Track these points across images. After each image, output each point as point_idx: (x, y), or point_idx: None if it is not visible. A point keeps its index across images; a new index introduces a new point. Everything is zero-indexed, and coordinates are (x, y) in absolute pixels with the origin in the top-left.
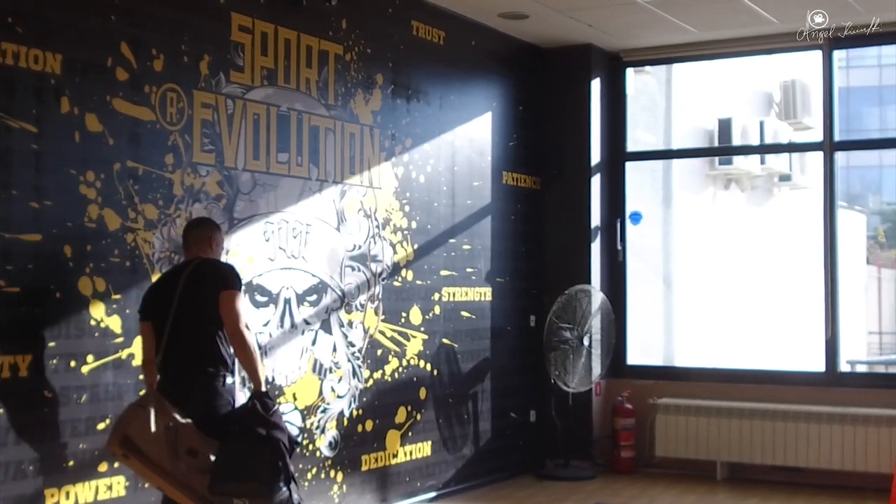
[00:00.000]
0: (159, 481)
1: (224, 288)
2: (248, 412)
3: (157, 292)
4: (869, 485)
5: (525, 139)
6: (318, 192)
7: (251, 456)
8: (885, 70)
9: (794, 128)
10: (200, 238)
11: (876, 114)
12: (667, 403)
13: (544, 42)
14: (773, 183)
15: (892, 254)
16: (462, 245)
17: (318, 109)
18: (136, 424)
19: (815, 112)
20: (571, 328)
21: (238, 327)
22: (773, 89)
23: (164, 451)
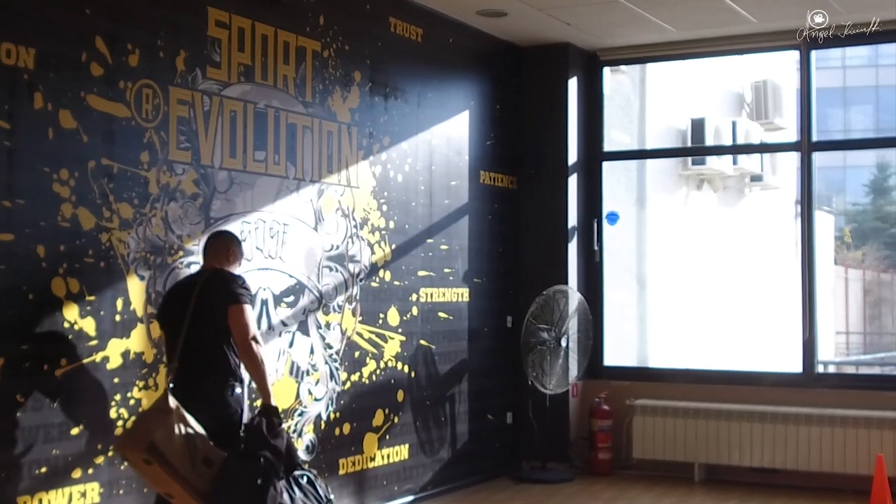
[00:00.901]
0: (177, 489)
1: (234, 302)
2: (251, 431)
3: (171, 300)
4: (847, 486)
5: (502, 138)
6: (295, 191)
7: (245, 477)
8: (850, 72)
9: (765, 128)
10: (220, 248)
11: (840, 115)
12: (644, 405)
13: (522, 41)
14: (745, 183)
15: (858, 254)
16: (440, 245)
17: (295, 107)
18: (161, 430)
19: (787, 113)
20: (549, 329)
21: (247, 340)
22: (744, 90)
23: (185, 459)
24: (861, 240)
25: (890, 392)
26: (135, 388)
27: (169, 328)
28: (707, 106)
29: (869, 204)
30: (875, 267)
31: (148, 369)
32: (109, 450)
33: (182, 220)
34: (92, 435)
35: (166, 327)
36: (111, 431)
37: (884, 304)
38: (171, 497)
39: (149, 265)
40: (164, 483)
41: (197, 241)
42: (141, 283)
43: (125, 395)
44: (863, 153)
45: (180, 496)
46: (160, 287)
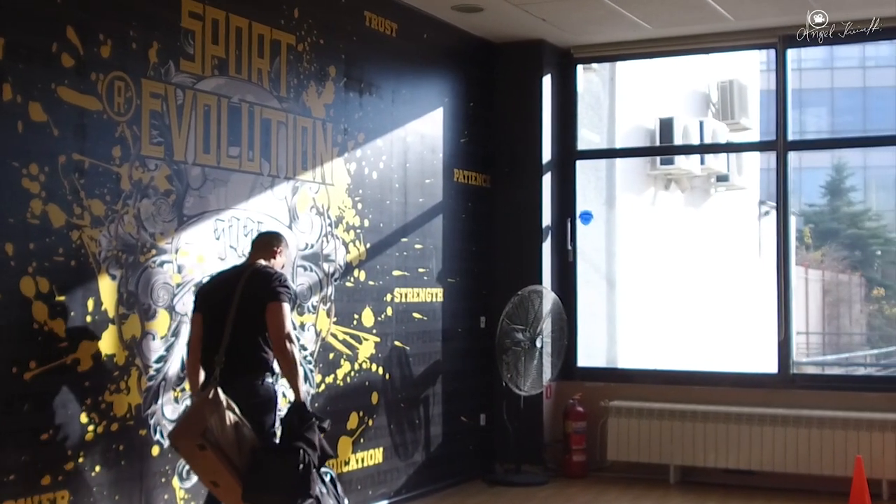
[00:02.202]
0: (226, 476)
1: (273, 299)
2: (284, 424)
3: (213, 290)
4: (823, 488)
5: (476, 136)
6: (269, 188)
7: (279, 469)
8: (805, 74)
9: (730, 128)
10: (266, 243)
11: (795, 117)
12: (619, 406)
13: (496, 37)
14: (711, 183)
15: (817, 255)
16: (414, 244)
17: (269, 102)
18: (214, 417)
19: (752, 113)
20: (524, 329)
21: (282, 338)
22: (710, 90)
23: (234, 446)
24: (820, 240)
25: (867, 393)
26: (106, 391)
27: (211, 319)
28: (674, 106)
29: (826, 205)
30: (834, 267)
31: (120, 372)
32: (80, 456)
33: (155, 218)
34: (62, 440)
35: (204, 315)
36: (82, 437)
37: (842, 305)
38: (216, 486)
39: (121, 264)
40: (213, 470)
41: (170, 239)
42: (113, 283)
43: (97, 398)
44: (819, 155)
45: (227, 483)
46: (132, 286)
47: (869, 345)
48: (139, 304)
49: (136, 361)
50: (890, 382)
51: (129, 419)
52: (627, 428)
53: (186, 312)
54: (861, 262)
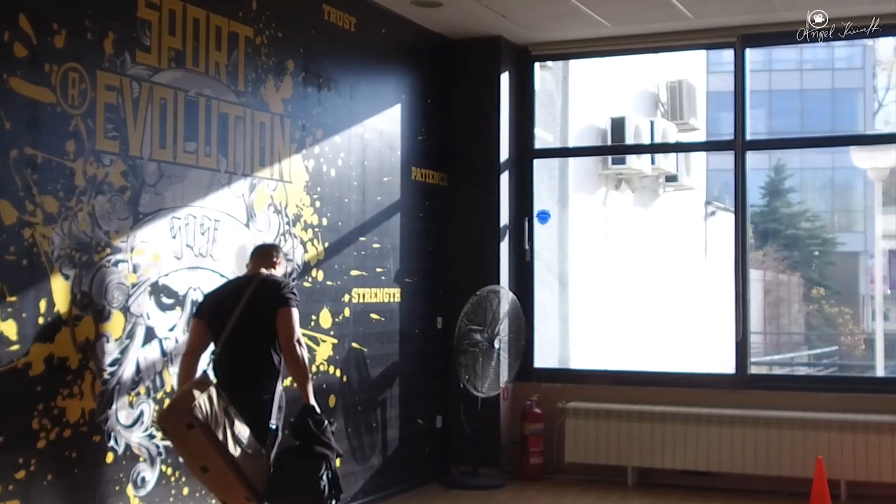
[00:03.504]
0: (215, 458)
1: (283, 305)
2: (302, 429)
3: (219, 298)
4: (781, 488)
5: (433, 134)
6: (226, 185)
7: (303, 472)
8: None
9: (679, 128)
10: (268, 255)
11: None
12: (576, 407)
13: (454, 33)
14: (659, 183)
15: (759, 255)
16: (372, 244)
17: (227, 96)
18: (203, 397)
19: (701, 113)
20: (482, 330)
21: (292, 342)
22: (659, 90)
23: (224, 429)
24: (761, 241)
25: (824, 393)
26: (59, 396)
27: (215, 324)
28: (624, 105)
29: (765, 206)
30: (774, 267)
31: (73, 376)
32: (31, 464)
33: (110, 215)
34: (12, 448)
35: (208, 322)
36: (34, 444)
37: (782, 305)
38: (205, 471)
39: (74, 263)
40: (201, 452)
41: (125, 237)
42: (66, 283)
43: (49, 403)
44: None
45: (216, 466)
46: (86, 287)
47: (807, 344)
48: (93, 305)
49: (90, 365)
50: (847, 383)
51: (82, 425)
52: (585, 429)
53: (142, 314)
54: (799, 263)
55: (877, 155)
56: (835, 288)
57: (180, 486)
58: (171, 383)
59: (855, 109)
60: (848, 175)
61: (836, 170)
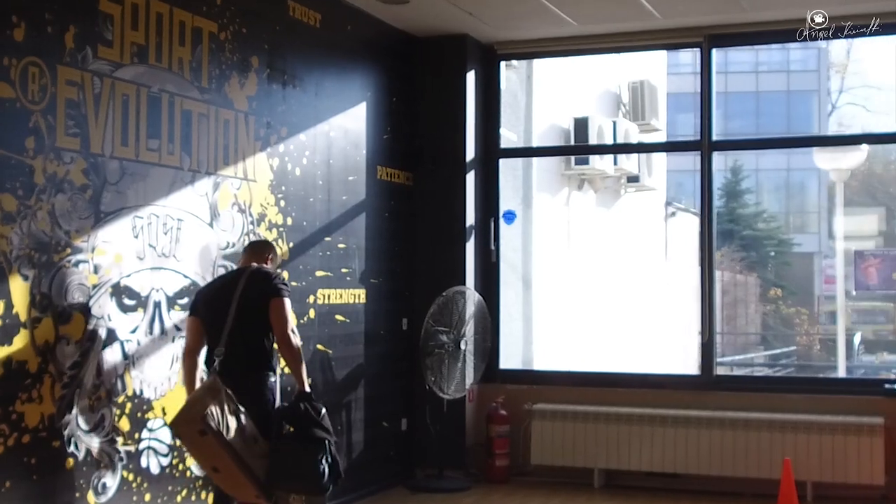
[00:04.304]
0: (226, 460)
1: (275, 295)
2: (303, 415)
3: (211, 294)
4: (748, 490)
5: (399, 133)
6: (190, 183)
7: (307, 456)
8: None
9: (641, 129)
10: (260, 251)
11: (689, 120)
12: (542, 409)
13: (419, 31)
14: (621, 184)
15: (717, 256)
16: (337, 244)
17: (191, 92)
18: (214, 404)
19: (662, 114)
20: (448, 332)
21: (286, 332)
22: (620, 90)
23: (235, 432)
24: (719, 241)
25: (790, 395)
26: (17, 400)
27: (210, 320)
28: (586, 105)
29: (722, 207)
30: (732, 268)
31: (32, 379)
32: None
33: (70, 214)
34: None
35: (203, 319)
36: None
37: (739, 305)
38: (216, 471)
39: (33, 264)
40: (214, 455)
41: (86, 237)
42: (25, 284)
43: (7, 408)
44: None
45: (227, 468)
46: (45, 288)
47: (764, 345)
48: (53, 307)
49: (50, 368)
50: (812, 384)
51: (41, 430)
52: (551, 431)
53: (103, 315)
54: (756, 263)
55: (839, 156)
56: (791, 288)
57: (142, 493)
58: (134, 386)
59: (810, 111)
60: (803, 176)
61: (791, 171)
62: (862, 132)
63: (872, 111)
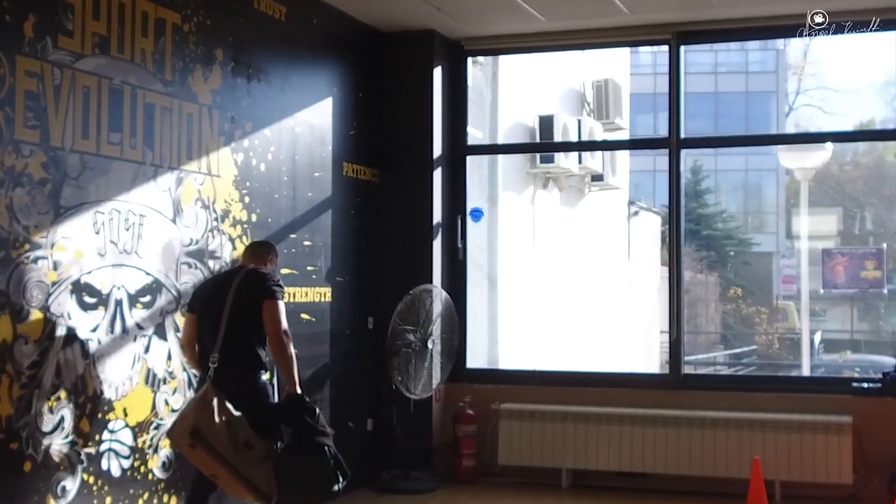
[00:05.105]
0: (221, 471)
1: (269, 297)
2: (301, 424)
3: (208, 292)
4: (717, 489)
5: (365, 129)
6: (152, 178)
7: (312, 468)
8: (660, 78)
9: (605, 128)
10: (260, 253)
11: (647, 121)
12: (510, 409)
13: (386, 26)
14: (585, 183)
15: None
16: (303, 241)
17: (154, 85)
18: (203, 417)
19: (626, 113)
20: (415, 330)
21: (279, 334)
22: (584, 89)
23: (227, 443)
24: None
25: (758, 393)
26: None
27: (205, 319)
28: (550, 104)
29: (683, 206)
30: (692, 267)
31: None
32: None
33: (29, 209)
34: None
35: (202, 318)
36: None
37: (699, 304)
38: (216, 477)
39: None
40: (209, 465)
41: (45, 232)
42: None
43: None
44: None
45: (224, 476)
46: (3, 285)
47: (724, 344)
48: (10, 305)
49: (7, 368)
50: (781, 383)
51: None
52: (519, 431)
53: (63, 314)
54: (716, 263)
55: (803, 155)
56: (750, 288)
57: (103, 496)
58: (95, 387)
59: (768, 112)
60: (761, 177)
61: (749, 172)
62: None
63: (829, 112)
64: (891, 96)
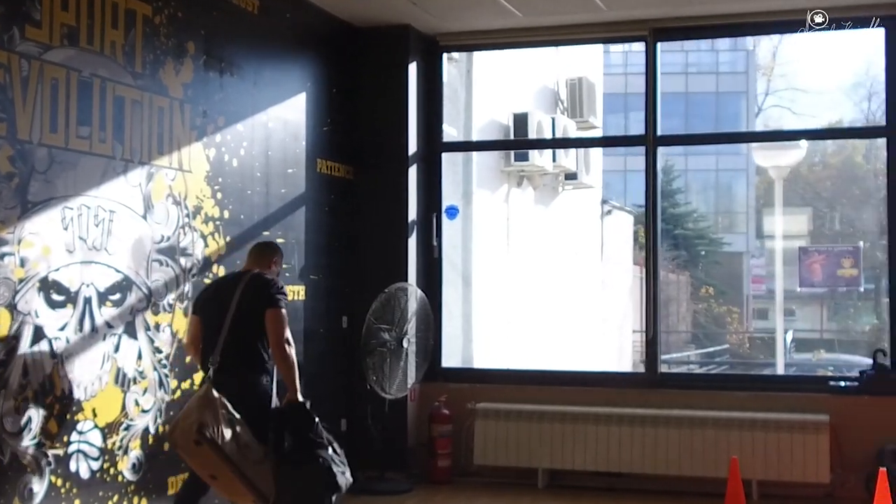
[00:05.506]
0: (223, 471)
1: (272, 305)
2: (287, 425)
3: (212, 294)
4: (693, 489)
5: (339, 125)
6: (122, 173)
7: (303, 483)
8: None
9: (578, 126)
10: (265, 255)
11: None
12: (485, 408)
13: (361, 21)
14: (559, 181)
15: None
16: (276, 238)
17: (124, 78)
18: (208, 414)
19: (600, 111)
20: (390, 329)
21: (281, 342)
22: (558, 87)
23: (231, 441)
24: None
25: (735, 392)
26: None
27: (208, 323)
28: (524, 101)
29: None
30: (664, 267)
31: None
32: None
33: None
34: None
35: (206, 320)
36: None
37: (671, 304)
38: (214, 479)
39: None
40: (211, 464)
41: (12, 228)
42: None
43: None
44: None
45: (224, 475)
46: None
47: (695, 343)
48: None
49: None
50: (758, 381)
51: None
52: (495, 431)
53: (30, 311)
54: (687, 262)
55: (778, 153)
56: (721, 287)
57: (71, 498)
58: (63, 386)
59: (738, 112)
60: (731, 177)
61: (719, 172)
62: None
63: (798, 113)
64: (859, 97)
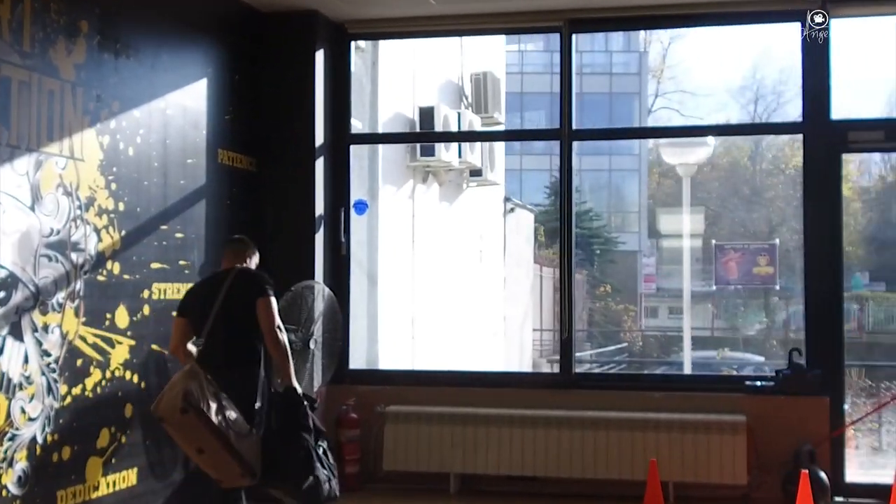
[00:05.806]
0: (210, 442)
1: (262, 295)
2: (279, 408)
3: (198, 295)
4: (610, 492)
5: (242, 114)
6: (8, 160)
7: (287, 460)
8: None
9: (483, 121)
10: (241, 252)
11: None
12: (395, 411)
13: (266, 5)
14: (463, 178)
15: (549, 252)
16: (175, 233)
17: (10, 56)
18: (193, 383)
19: (503, 107)
20: (296, 330)
21: (273, 329)
22: (463, 82)
23: (216, 411)
24: (551, 239)
25: (650, 393)
26: None
27: (196, 320)
28: (429, 95)
29: (550, 205)
30: None
31: None
32: None
33: None
34: None
35: (190, 318)
36: None
37: None
38: (201, 452)
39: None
40: (196, 434)
41: None
42: None
43: None
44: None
45: (210, 447)
46: None
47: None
48: None
49: None
50: (673, 381)
51: None
52: (405, 434)
53: None
54: (583, 261)
55: (687, 150)
56: (616, 286)
57: None
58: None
59: (631, 113)
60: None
61: (612, 172)
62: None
63: (686, 115)
64: (746, 100)
